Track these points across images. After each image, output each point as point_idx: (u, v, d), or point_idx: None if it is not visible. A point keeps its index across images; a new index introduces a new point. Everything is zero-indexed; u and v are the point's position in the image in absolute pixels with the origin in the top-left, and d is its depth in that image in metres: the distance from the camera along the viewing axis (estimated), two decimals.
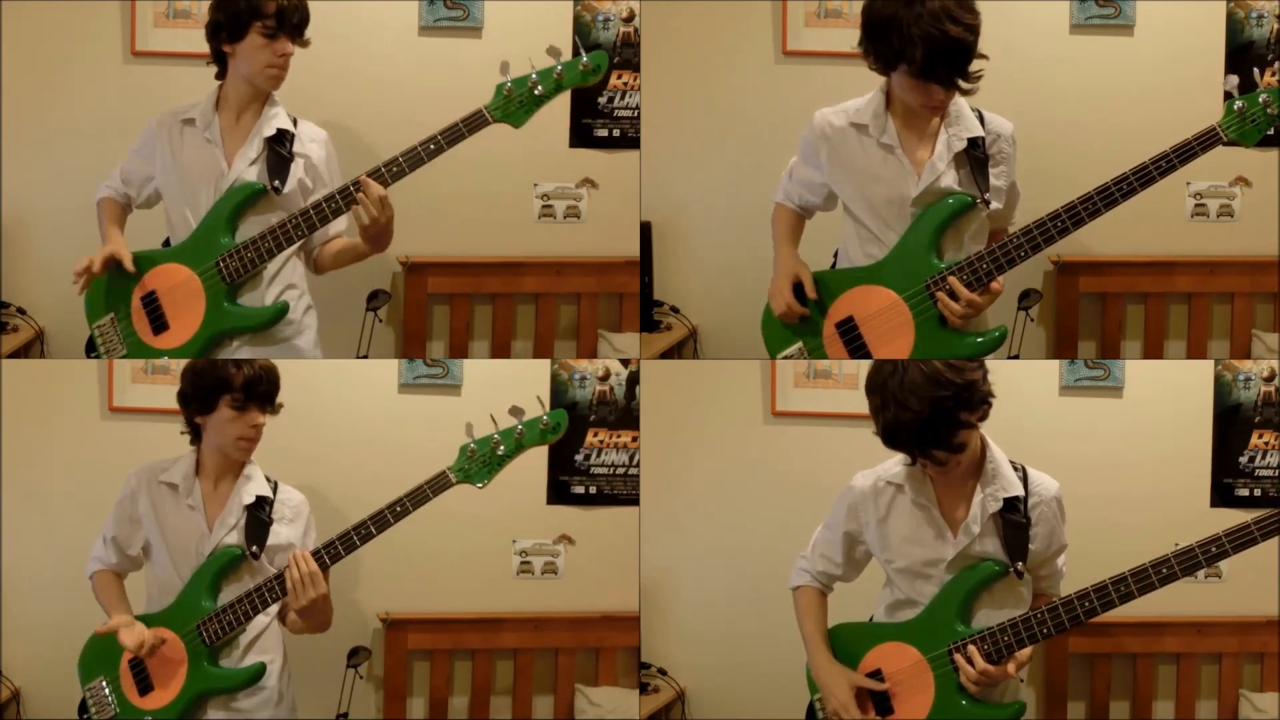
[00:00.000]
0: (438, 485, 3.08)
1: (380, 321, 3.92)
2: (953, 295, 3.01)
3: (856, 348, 3.12)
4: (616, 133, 3.93)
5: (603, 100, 3.90)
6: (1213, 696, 3.83)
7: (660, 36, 3.86)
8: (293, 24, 3.21)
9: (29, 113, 3.83)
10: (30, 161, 3.84)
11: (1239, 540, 2.81)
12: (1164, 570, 2.83)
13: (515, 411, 3.07)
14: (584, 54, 3.11)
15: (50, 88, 3.83)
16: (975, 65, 2.93)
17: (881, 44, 2.93)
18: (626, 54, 3.88)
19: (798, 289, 3.15)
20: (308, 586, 3.06)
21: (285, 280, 3.30)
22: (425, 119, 3.80)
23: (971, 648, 2.89)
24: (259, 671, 3.15)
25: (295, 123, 3.32)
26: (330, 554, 3.08)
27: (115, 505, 3.26)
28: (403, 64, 3.86)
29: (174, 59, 3.80)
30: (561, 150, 3.92)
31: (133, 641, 3.12)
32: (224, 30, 3.22)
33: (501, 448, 3.07)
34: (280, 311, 3.26)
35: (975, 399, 2.79)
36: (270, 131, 3.27)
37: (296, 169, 3.28)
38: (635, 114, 3.89)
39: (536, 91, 3.12)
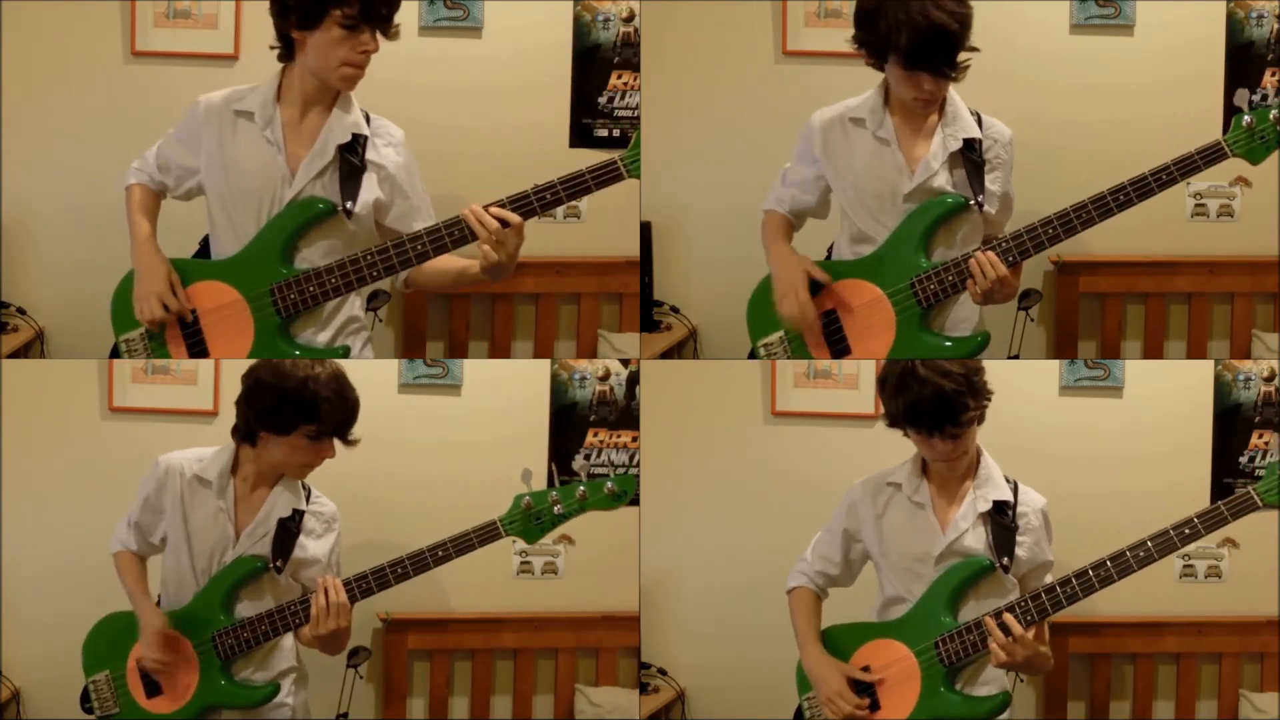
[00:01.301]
0: (486, 536, 2.99)
1: (380, 321, 3.91)
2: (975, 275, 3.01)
3: (836, 340, 3.12)
4: (616, 133, 3.93)
5: (603, 100, 3.90)
6: (1213, 696, 3.83)
7: (660, 36, 3.86)
8: (381, 14, 2.77)
9: (29, 113, 3.82)
10: (30, 162, 3.83)
11: (1211, 521, 2.87)
12: (1140, 553, 2.89)
13: (582, 468, 3.02)
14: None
15: (50, 88, 3.82)
16: (964, 56, 2.93)
17: (870, 33, 2.95)
18: (626, 54, 3.88)
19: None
20: (332, 617, 2.96)
21: (346, 314, 3.00)
22: (425, 119, 3.83)
23: (1007, 615, 2.91)
24: (272, 693, 3.08)
25: (368, 119, 2.95)
26: (361, 589, 3.00)
27: (141, 490, 3.11)
28: (403, 64, 3.85)
29: (174, 59, 3.79)
30: (561, 150, 3.91)
31: (151, 657, 3.04)
32: (294, 13, 2.79)
33: (559, 507, 2.97)
34: (340, 356, 2.98)
35: (981, 389, 2.93)
36: (344, 138, 2.88)
37: (370, 183, 2.92)
38: (635, 114, 3.89)
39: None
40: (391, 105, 3.78)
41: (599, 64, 3.88)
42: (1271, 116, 2.85)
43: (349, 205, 2.87)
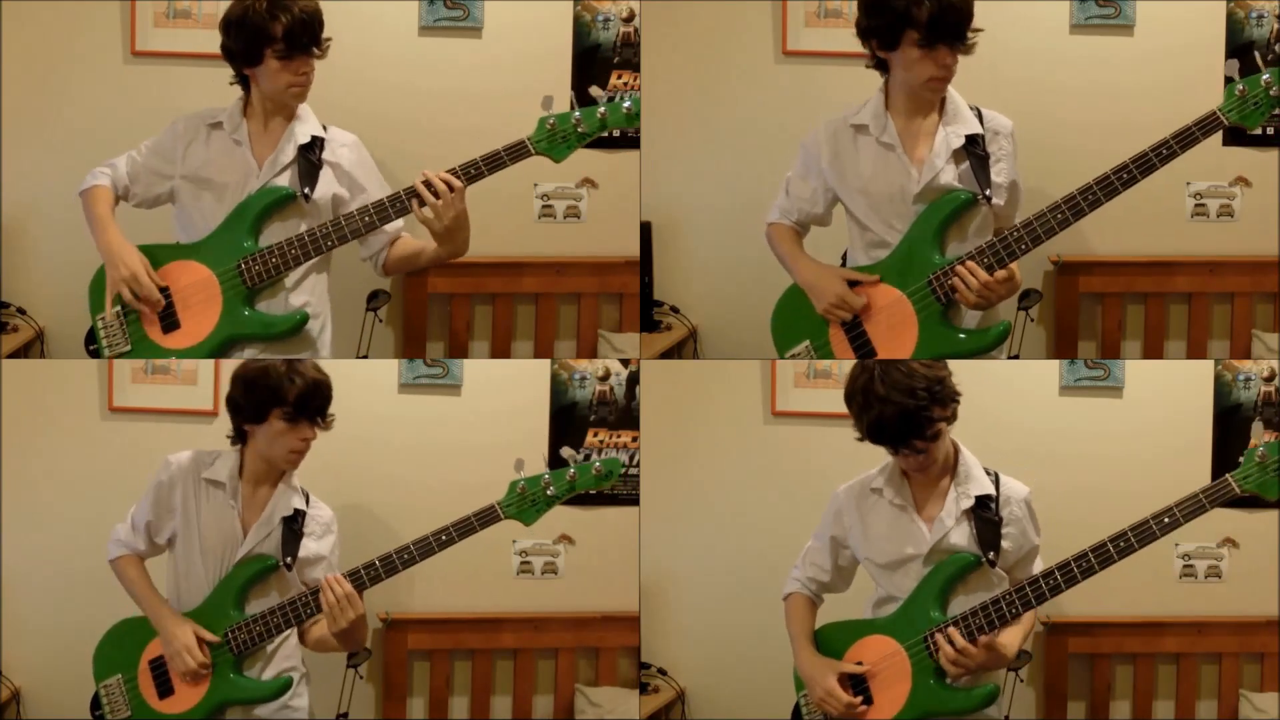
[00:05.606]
0: (486, 519, 3.08)
1: (380, 321, 3.91)
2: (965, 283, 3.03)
3: (861, 344, 3.13)
4: (616, 133, 3.92)
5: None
6: (1213, 696, 3.83)
7: (660, 36, 3.86)
8: (304, 42, 3.13)
9: (29, 113, 3.82)
10: (30, 161, 3.83)
11: (1189, 509, 2.89)
12: (1121, 543, 2.91)
13: (567, 453, 3.10)
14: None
15: (50, 88, 3.82)
16: (972, 31, 2.98)
17: (884, 17, 2.97)
18: (626, 54, 3.88)
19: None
20: (346, 609, 3.03)
21: (306, 292, 3.24)
22: (425, 120, 3.84)
23: (951, 629, 2.96)
24: (284, 686, 3.14)
25: (325, 129, 3.28)
26: (370, 575, 3.06)
27: (151, 490, 3.19)
28: (403, 64, 3.86)
29: (174, 59, 3.79)
30: None
31: (190, 667, 3.09)
32: (238, 57, 3.17)
33: (552, 489, 3.09)
34: (300, 322, 3.21)
35: (945, 395, 2.91)
36: (304, 139, 3.22)
37: (326, 177, 3.23)
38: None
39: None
40: (391, 105, 3.81)
41: (599, 64, 3.88)
42: (1263, 81, 2.88)
43: (307, 191, 3.19)
